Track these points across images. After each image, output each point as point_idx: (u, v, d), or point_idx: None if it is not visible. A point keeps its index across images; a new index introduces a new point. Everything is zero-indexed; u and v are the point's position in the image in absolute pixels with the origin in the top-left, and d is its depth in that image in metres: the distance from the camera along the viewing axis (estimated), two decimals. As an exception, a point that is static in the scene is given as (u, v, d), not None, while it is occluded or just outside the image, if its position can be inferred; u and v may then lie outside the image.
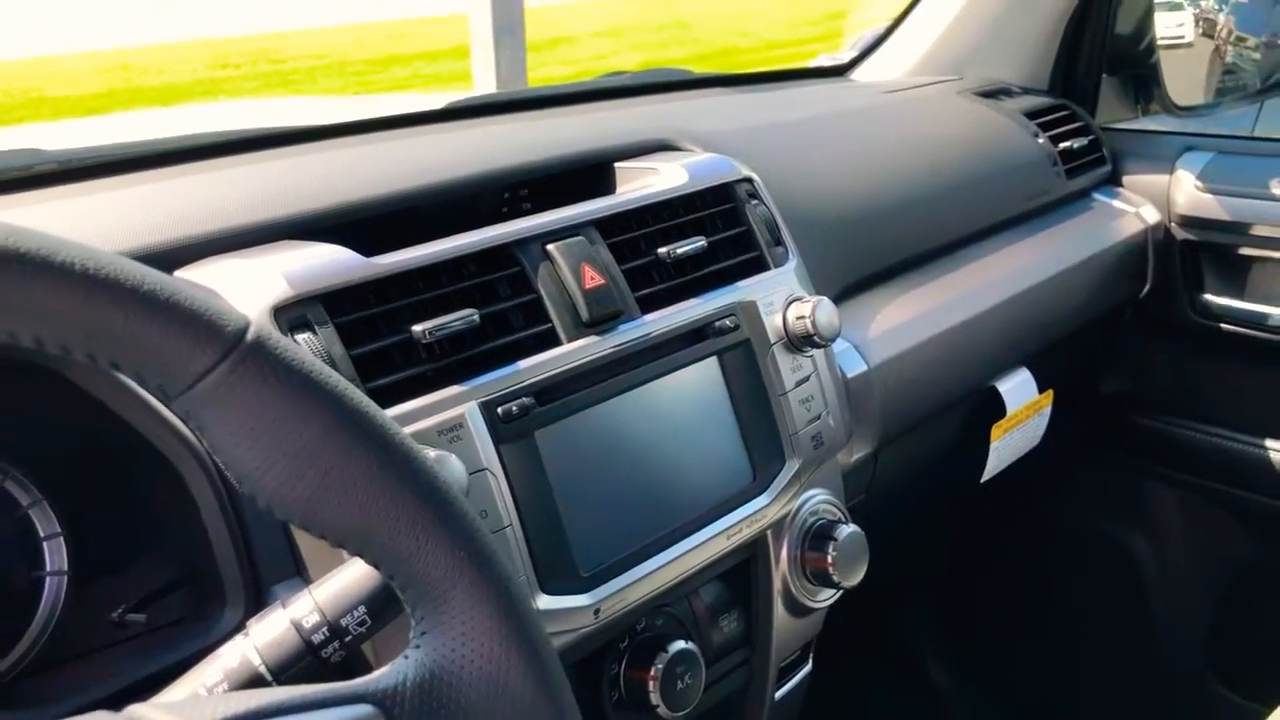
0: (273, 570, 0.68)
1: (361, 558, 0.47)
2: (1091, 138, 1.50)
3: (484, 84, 4.50)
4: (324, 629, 0.54)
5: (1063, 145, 1.44)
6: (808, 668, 1.03)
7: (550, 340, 0.78)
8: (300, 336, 0.67)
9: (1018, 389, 1.25)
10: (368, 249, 0.75)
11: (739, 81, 1.45)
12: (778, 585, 0.95)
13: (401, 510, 0.45)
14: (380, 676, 0.46)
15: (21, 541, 0.71)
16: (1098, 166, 1.50)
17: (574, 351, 0.78)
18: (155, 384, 0.43)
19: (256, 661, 0.53)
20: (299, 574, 0.69)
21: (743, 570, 0.93)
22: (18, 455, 0.71)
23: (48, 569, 0.72)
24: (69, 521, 0.72)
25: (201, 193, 0.82)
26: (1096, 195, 1.49)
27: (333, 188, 0.82)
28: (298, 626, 0.54)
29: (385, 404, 0.68)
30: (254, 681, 0.53)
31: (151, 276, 0.42)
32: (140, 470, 0.69)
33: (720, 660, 0.93)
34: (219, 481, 0.66)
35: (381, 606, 0.56)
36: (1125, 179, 1.52)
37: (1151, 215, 1.48)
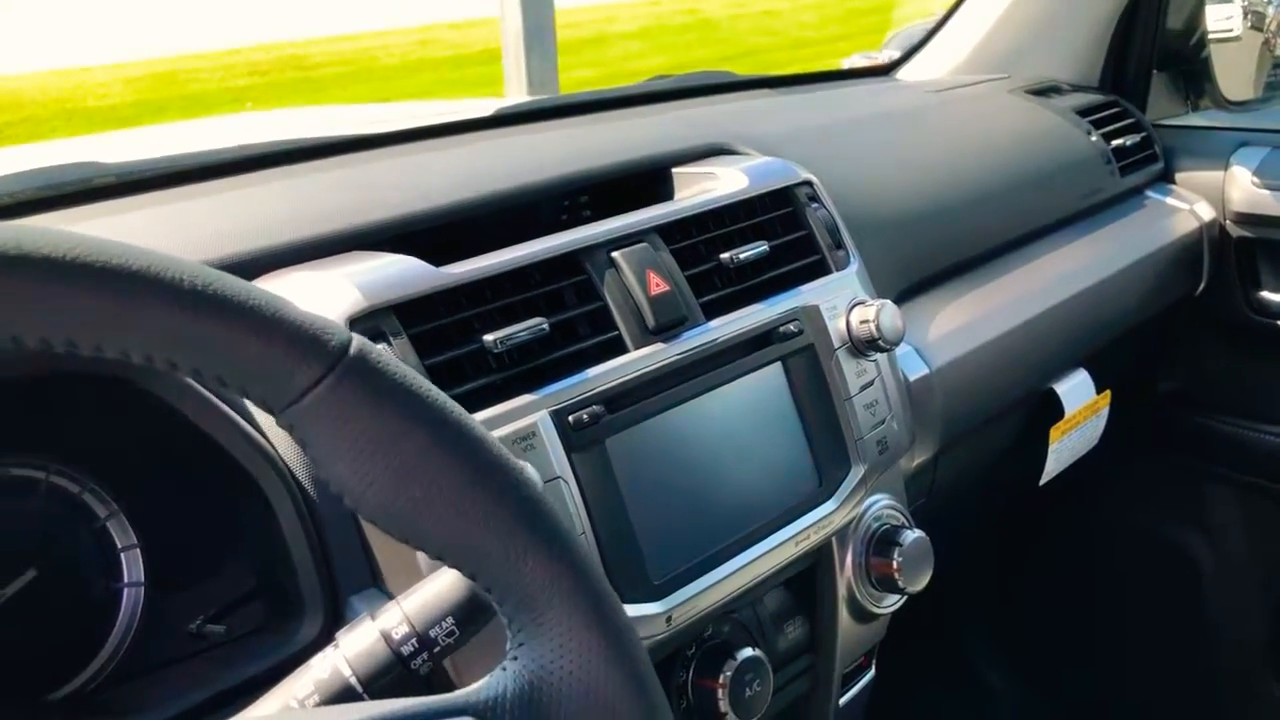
0: (350, 580, 0.68)
1: (460, 570, 0.47)
2: (1144, 134, 1.49)
3: (516, 87, 4.51)
4: (413, 640, 0.54)
5: (1115, 143, 1.43)
6: (871, 673, 1.02)
7: (617, 348, 0.78)
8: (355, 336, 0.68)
9: (1075, 390, 1.23)
10: (431, 257, 0.75)
11: (785, 83, 1.45)
12: (842, 591, 0.94)
13: (500, 523, 0.45)
14: (480, 688, 0.46)
15: (99, 553, 0.72)
16: (1151, 164, 1.48)
17: (641, 359, 0.78)
18: (260, 398, 0.43)
19: (347, 673, 0.53)
20: (375, 584, 0.69)
21: (807, 576, 0.93)
22: (95, 467, 0.71)
23: (125, 580, 0.72)
24: (146, 532, 0.72)
25: (265, 204, 0.82)
26: (1150, 193, 1.48)
27: (396, 197, 0.82)
28: (387, 638, 0.54)
29: (460, 414, 0.68)
30: (345, 693, 0.53)
31: (256, 292, 0.42)
32: (217, 481, 0.69)
33: (785, 666, 0.92)
34: (297, 492, 0.67)
35: (468, 616, 0.56)
36: (1178, 176, 1.51)
37: (1206, 212, 1.46)
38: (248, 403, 0.67)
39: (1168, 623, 1.63)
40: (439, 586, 0.56)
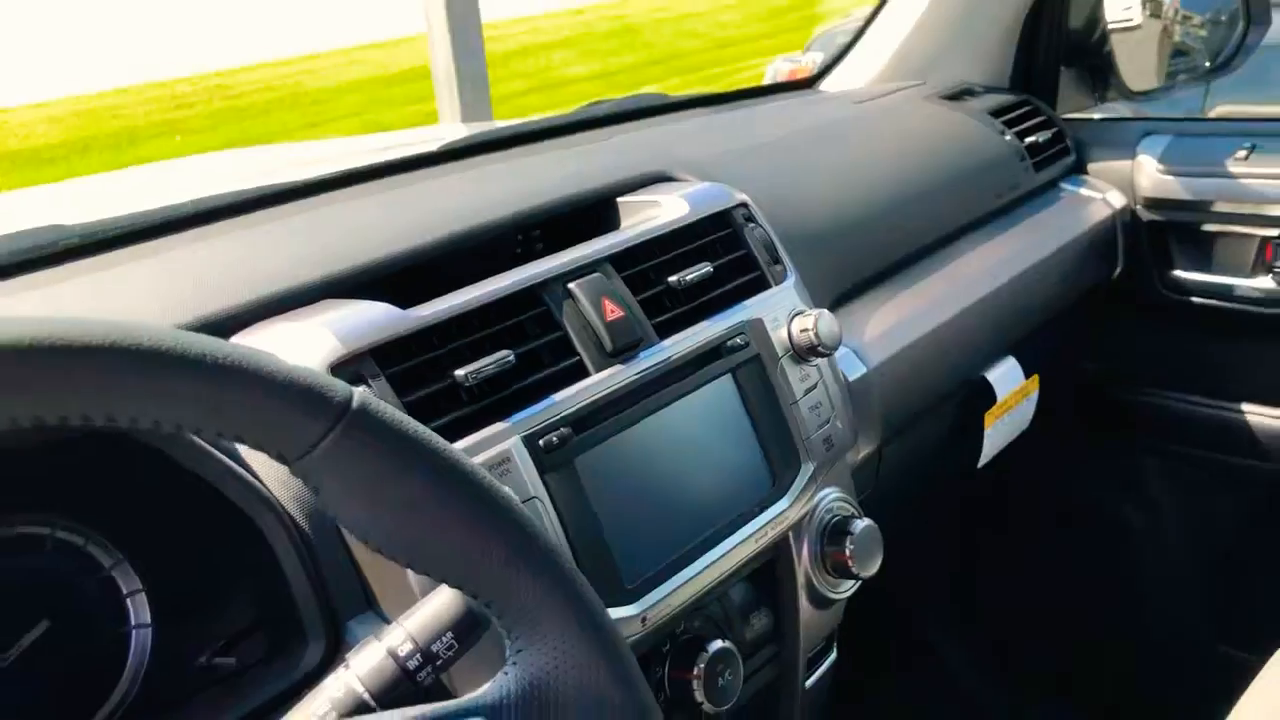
0: (347, 606, 0.73)
1: (461, 589, 0.53)
2: (1055, 130, 1.57)
3: (448, 104, 4.53)
4: (417, 655, 0.60)
5: (1029, 140, 1.52)
6: (833, 656, 1.09)
7: (580, 372, 0.84)
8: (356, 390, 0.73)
9: (1005, 376, 1.31)
10: (396, 296, 0.81)
11: (716, 101, 1.52)
12: (801, 580, 1.01)
13: (496, 548, 0.51)
14: (485, 692, 0.52)
15: (107, 600, 0.77)
16: (1063, 157, 1.57)
17: (602, 380, 0.84)
18: (275, 452, 0.48)
19: (360, 690, 0.59)
20: (371, 608, 0.75)
21: (768, 570, 0.99)
22: (97, 519, 0.76)
23: (133, 623, 0.77)
24: (150, 576, 0.77)
25: (233, 258, 0.87)
26: (1064, 185, 1.56)
27: (359, 244, 0.87)
28: (394, 655, 0.59)
29: (439, 445, 0.73)
30: (360, 708, 0.58)
31: (266, 359, 0.48)
32: (215, 522, 0.74)
33: (753, 655, 0.99)
34: (293, 529, 0.72)
35: (466, 630, 0.61)
36: (1090, 167, 1.60)
37: (1117, 200, 1.55)
38: (240, 448, 0.73)
39: (1111, 590, 1.72)
40: (437, 605, 0.62)
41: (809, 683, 1.05)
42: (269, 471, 0.72)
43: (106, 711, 0.75)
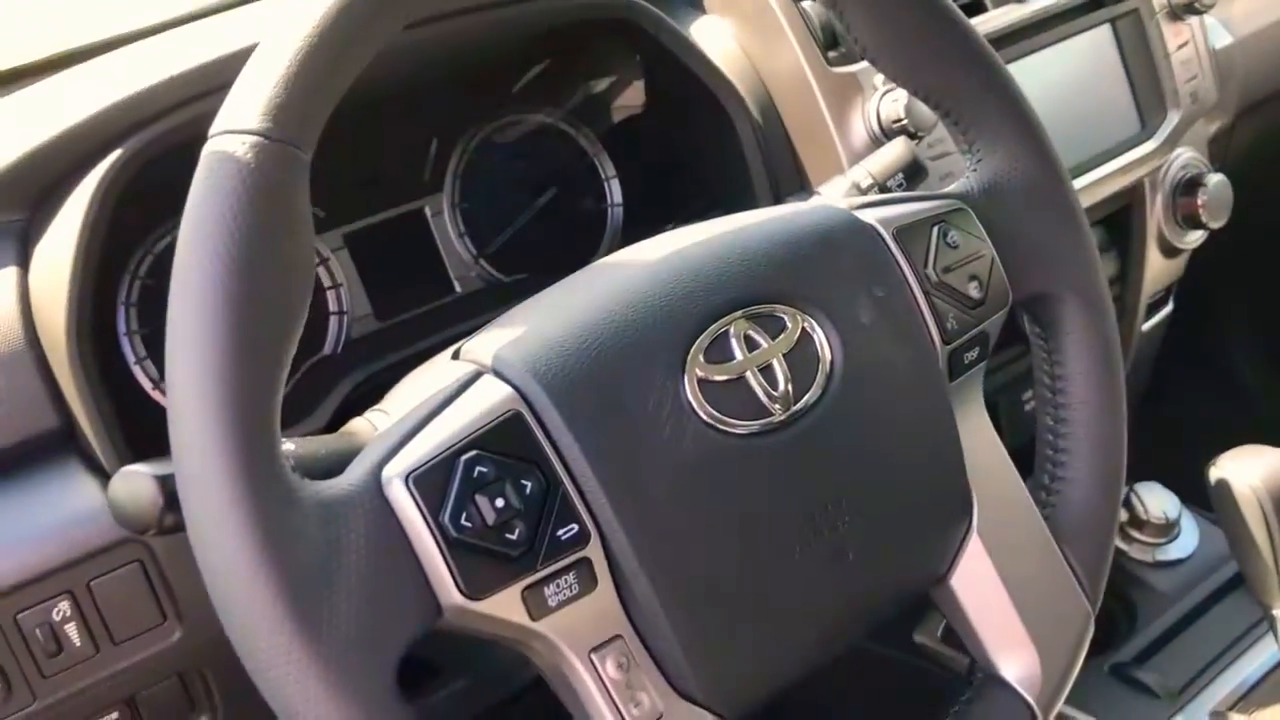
0: (788, 185, 0.91)
1: (940, 109, 0.67)
2: None
3: None
4: (875, 188, 0.76)
5: None
6: (1168, 309, 1.20)
7: (978, 8, 0.96)
8: None
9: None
10: None
11: None
12: (1152, 229, 1.11)
13: (979, 77, 0.65)
14: (954, 188, 0.67)
15: (592, 180, 0.97)
16: None
17: (999, 15, 0.96)
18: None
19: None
20: (804, 188, 0.91)
21: (1123, 215, 1.10)
22: (582, 113, 0.96)
23: (610, 202, 0.98)
24: (622, 165, 0.97)
25: None
26: None
27: None
28: (857, 186, 0.76)
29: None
30: None
31: None
32: (682, 114, 0.92)
33: (1100, 292, 1.11)
34: (756, 119, 0.89)
35: (911, 174, 0.78)
36: None
37: None
38: (708, 52, 0.89)
39: None
40: (890, 153, 0.78)
41: (1145, 327, 1.17)
42: (733, 65, 0.89)
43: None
